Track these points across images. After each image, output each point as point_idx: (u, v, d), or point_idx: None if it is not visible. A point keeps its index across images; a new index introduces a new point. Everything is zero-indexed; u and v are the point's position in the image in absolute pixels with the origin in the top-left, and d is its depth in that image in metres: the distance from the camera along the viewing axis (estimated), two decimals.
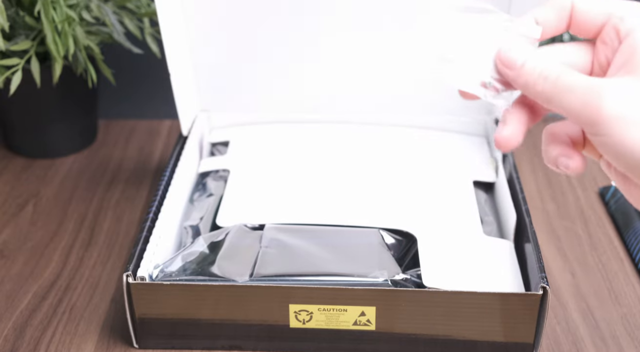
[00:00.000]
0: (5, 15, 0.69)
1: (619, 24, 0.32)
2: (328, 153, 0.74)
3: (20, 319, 0.62)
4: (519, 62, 0.34)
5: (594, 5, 0.34)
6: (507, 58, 0.34)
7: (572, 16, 0.34)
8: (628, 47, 0.32)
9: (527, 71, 0.33)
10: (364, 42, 0.74)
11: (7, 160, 0.84)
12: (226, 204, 0.66)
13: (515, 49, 0.34)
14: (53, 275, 0.67)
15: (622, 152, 0.30)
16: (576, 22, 0.34)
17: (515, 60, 0.34)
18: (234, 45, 0.75)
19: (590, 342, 0.59)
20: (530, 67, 0.33)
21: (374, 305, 0.55)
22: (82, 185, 0.80)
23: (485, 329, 0.55)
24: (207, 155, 0.77)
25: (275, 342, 0.58)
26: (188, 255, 0.59)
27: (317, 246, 0.60)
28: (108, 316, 0.62)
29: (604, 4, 0.34)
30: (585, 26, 0.34)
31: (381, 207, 0.65)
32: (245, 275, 0.56)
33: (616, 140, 0.30)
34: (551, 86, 0.32)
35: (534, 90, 0.33)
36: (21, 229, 0.73)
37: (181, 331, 0.58)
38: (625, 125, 0.30)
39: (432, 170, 0.71)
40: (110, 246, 0.71)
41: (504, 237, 0.64)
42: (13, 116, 0.82)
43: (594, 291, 0.65)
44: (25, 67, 0.74)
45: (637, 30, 0.32)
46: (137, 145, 0.88)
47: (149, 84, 0.92)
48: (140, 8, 0.79)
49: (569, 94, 0.31)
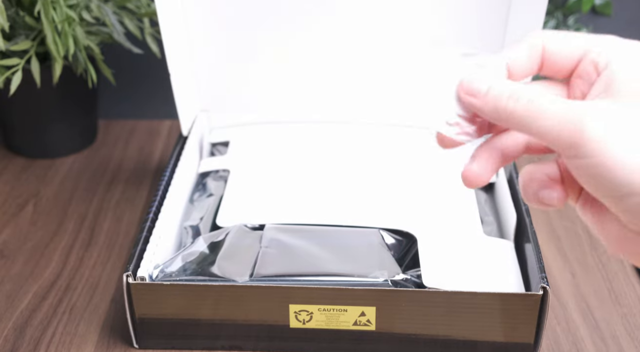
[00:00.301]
0: (5, 15, 0.69)
1: (596, 57, 0.32)
2: (328, 153, 0.74)
3: (20, 319, 0.62)
4: (484, 89, 0.32)
5: (567, 43, 0.33)
6: (470, 87, 0.33)
7: (544, 57, 0.33)
8: (606, 77, 0.31)
9: (494, 96, 0.32)
10: (365, 42, 0.74)
11: (7, 160, 0.84)
12: (226, 204, 0.66)
13: (478, 78, 0.33)
14: (53, 275, 0.67)
15: (603, 174, 0.29)
16: (549, 63, 0.33)
17: (479, 88, 0.32)
18: (234, 45, 0.75)
19: (590, 342, 0.59)
20: (498, 91, 0.32)
21: (374, 305, 0.55)
22: (82, 185, 0.80)
23: (485, 329, 0.55)
24: (207, 156, 0.77)
25: (275, 342, 0.58)
26: (188, 255, 0.59)
27: (317, 246, 0.60)
28: (108, 316, 0.62)
29: (577, 41, 0.33)
30: (560, 65, 0.33)
31: (381, 207, 0.65)
32: (245, 275, 0.56)
33: (598, 161, 0.29)
34: (523, 109, 0.31)
35: (505, 115, 0.32)
36: (21, 229, 0.73)
37: (181, 331, 0.58)
38: (608, 146, 0.29)
39: (432, 170, 0.71)
40: (110, 246, 0.71)
41: (504, 237, 0.64)
42: (13, 116, 0.82)
43: (594, 291, 0.65)
44: (25, 67, 0.74)
45: (615, 61, 0.31)
46: (137, 145, 0.88)
47: (149, 84, 0.92)
48: (140, 8, 0.79)
49: (545, 117, 0.30)
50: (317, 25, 0.74)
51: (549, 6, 0.85)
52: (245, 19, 0.73)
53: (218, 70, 0.77)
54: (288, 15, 0.73)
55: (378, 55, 0.75)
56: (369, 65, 0.76)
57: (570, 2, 0.86)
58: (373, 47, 0.75)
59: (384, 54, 0.75)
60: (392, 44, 0.75)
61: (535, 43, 0.33)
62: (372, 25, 0.73)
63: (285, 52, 0.75)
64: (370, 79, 0.77)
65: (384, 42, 0.74)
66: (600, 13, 0.88)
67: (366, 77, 0.77)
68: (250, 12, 0.73)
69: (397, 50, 0.75)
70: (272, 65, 0.76)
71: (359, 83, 0.77)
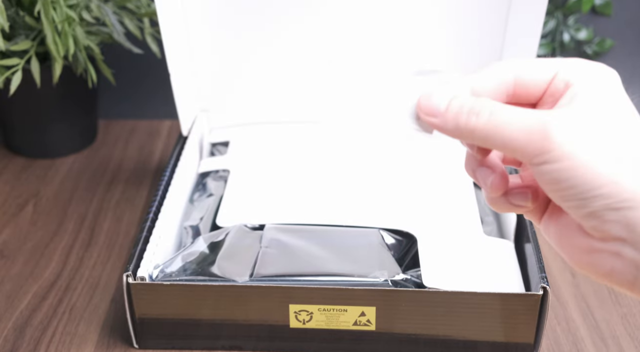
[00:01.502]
0: (5, 15, 0.69)
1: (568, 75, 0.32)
2: (328, 153, 0.74)
3: (20, 319, 0.62)
4: (442, 107, 0.32)
5: (538, 69, 0.33)
6: (428, 105, 0.32)
7: (515, 86, 0.33)
8: (571, 92, 0.31)
9: (453, 113, 0.31)
10: (364, 43, 0.74)
11: (7, 160, 0.84)
12: (226, 204, 0.66)
13: (435, 94, 0.32)
14: (53, 275, 0.67)
15: (573, 177, 0.30)
16: (521, 91, 0.33)
17: (437, 106, 0.32)
18: (234, 45, 0.75)
19: (590, 342, 0.59)
20: (457, 106, 0.31)
21: (374, 305, 0.55)
22: (82, 185, 0.80)
23: (485, 329, 0.55)
24: (207, 156, 0.77)
25: (275, 342, 0.58)
26: (188, 255, 0.59)
27: (317, 246, 0.60)
28: (108, 316, 0.62)
29: (548, 64, 0.33)
30: (531, 92, 0.33)
31: (381, 208, 0.65)
32: (245, 275, 0.56)
33: (567, 165, 0.29)
34: (485, 121, 0.31)
35: (466, 131, 0.31)
36: (21, 229, 0.73)
37: (181, 331, 0.58)
38: (575, 149, 0.29)
39: (433, 170, 0.71)
40: (110, 246, 0.71)
41: (504, 237, 0.64)
42: (13, 116, 0.82)
43: (594, 291, 0.65)
44: (25, 67, 0.74)
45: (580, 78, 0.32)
46: (137, 145, 0.88)
47: (149, 84, 0.92)
48: (140, 8, 0.79)
49: (509, 127, 0.30)
50: (317, 26, 0.74)
51: (549, 6, 0.85)
52: (245, 19, 0.73)
53: (218, 70, 0.77)
54: (288, 16, 0.73)
55: (378, 56, 0.75)
56: (369, 66, 0.76)
57: (570, 2, 0.86)
58: (373, 48, 0.75)
59: (384, 54, 0.75)
60: (392, 44, 0.75)
61: (505, 78, 0.33)
62: (372, 25, 0.73)
63: (286, 52, 0.75)
64: (370, 79, 0.77)
65: (384, 42, 0.74)
66: (600, 13, 0.88)
67: (366, 77, 0.77)
68: (250, 13, 0.73)
69: (397, 50, 0.75)
70: (272, 66, 0.76)
71: (359, 83, 0.77)
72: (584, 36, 0.88)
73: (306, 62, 0.76)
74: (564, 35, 0.88)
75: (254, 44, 0.75)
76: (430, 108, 0.32)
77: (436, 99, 0.32)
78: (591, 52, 0.89)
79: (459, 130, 0.31)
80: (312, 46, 0.75)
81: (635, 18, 0.89)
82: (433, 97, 0.32)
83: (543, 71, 0.33)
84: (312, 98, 0.78)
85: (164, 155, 0.86)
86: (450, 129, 0.32)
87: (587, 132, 0.30)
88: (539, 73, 0.33)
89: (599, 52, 0.89)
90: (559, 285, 0.65)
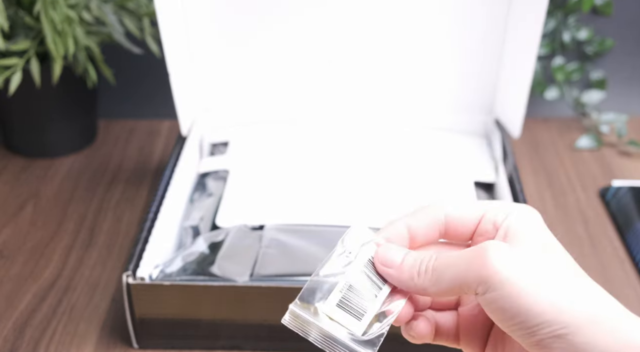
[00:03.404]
0: (5, 15, 0.69)
1: (494, 216, 0.35)
2: (328, 153, 0.74)
3: (20, 320, 0.62)
4: (398, 260, 0.35)
5: (467, 210, 0.36)
6: (386, 258, 0.35)
7: (447, 224, 0.36)
8: (505, 228, 0.34)
9: (408, 265, 0.34)
10: (364, 43, 0.74)
11: (6, 160, 0.84)
12: (226, 204, 0.66)
13: (393, 248, 0.35)
14: (53, 275, 0.67)
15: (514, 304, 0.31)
16: (452, 229, 0.36)
17: (394, 259, 0.35)
18: (234, 45, 0.75)
19: None
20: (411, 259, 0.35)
21: None
22: (82, 185, 0.80)
23: None
24: (207, 155, 0.77)
25: (275, 342, 0.58)
26: (188, 255, 0.59)
27: (317, 246, 0.60)
28: (108, 316, 0.62)
29: (477, 205, 0.36)
30: (461, 230, 0.36)
31: (381, 207, 0.65)
32: (245, 275, 0.56)
33: (507, 292, 0.31)
34: (433, 262, 0.34)
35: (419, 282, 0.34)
36: (21, 229, 0.73)
37: (181, 331, 0.58)
38: (513, 276, 0.31)
39: (433, 171, 0.71)
40: (110, 246, 0.71)
41: None
42: (13, 116, 0.82)
43: None
44: (25, 67, 0.74)
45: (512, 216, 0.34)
46: (137, 145, 0.88)
47: (149, 84, 0.92)
48: (140, 8, 0.79)
49: (451, 268, 0.33)
50: (317, 26, 0.74)
51: (549, 6, 0.85)
52: (245, 19, 0.73)
53: (218, 70, 0.77)
54: (288, 16, 0.73)
55: (378, 56, 0.75)
56: (369, 66, 0.76)
57: (571, 2, 0.86)
58: (373, 48, 0.75)
59: (384, 55, 0.75)
60: (392, 45, 0.75)
61: (437, 217, 0.36)
62: (373, 25, 0.73)
63: (285, 52, 0.75)
64: (370, 79, 0.77)
65: (384, 42, 0.74)
66: (601, 13, 0.87)
67: (366, 77, 0.77)
68: (250, 13, 0.73)
69: (397, 50, 0.75)
70: (272, 66, 0.76)
71: (359, 83, 0.77)
72: (584, 36, 0.88)
73: (306, 62, 0.76)
74: (564, 35, 0.88)
75: (254, 44, 0.75)
76: (387, 260, 0.35)
77: (394, 252, 0.35)
78: (591, 52, 0.89)
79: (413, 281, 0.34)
80: (312, 46, 0.75)
81: (635, 18, 0.89)
82: (391, 249, 0.35)
83: (471, 211, 0.36)
84: (312, 98, 0.78)
85: (164, 155, 0.86)
86: (404, 280, 0.35)
87: (522, 260, 0.32)
88: (467, 213, 0.36)
89: (599, 52, 0.89)
90: None
